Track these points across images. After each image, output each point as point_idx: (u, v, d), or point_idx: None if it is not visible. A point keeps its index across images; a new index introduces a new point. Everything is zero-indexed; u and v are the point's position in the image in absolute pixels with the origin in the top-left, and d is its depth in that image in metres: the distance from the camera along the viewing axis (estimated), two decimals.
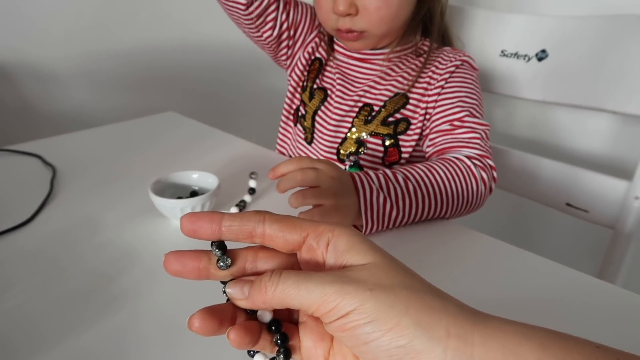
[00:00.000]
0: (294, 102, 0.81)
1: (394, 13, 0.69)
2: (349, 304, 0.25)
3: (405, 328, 0.24)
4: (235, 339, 0.28)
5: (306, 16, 0.79)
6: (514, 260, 0.53)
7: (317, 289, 0.25)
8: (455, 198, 0.59)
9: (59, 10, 1.14)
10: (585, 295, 0.47)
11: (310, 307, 0.26)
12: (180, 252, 0.29)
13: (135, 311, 0.44)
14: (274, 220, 0.28)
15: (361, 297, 0.25)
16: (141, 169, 0.74)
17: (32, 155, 0.77)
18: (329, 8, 0.69)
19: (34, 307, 0.45)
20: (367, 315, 0.24)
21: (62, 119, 1.21)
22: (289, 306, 0.27)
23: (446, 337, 0.24)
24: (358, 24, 0.68)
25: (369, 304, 0.24)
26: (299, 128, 0.80)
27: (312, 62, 0.80)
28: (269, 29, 0.77)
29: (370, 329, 0.24)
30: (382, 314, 0.24)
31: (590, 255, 1.11)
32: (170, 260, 0.29)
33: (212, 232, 0.28)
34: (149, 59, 1.33)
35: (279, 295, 0.26)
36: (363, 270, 0.26)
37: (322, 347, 0.29)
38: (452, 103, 0.69)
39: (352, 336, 0.25)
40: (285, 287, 0.26)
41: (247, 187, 0.64)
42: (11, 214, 0.60)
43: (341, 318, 0.25)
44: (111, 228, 0.58)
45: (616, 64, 0.77)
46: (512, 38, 0.89)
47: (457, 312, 0.25)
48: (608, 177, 0.77)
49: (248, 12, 0.74)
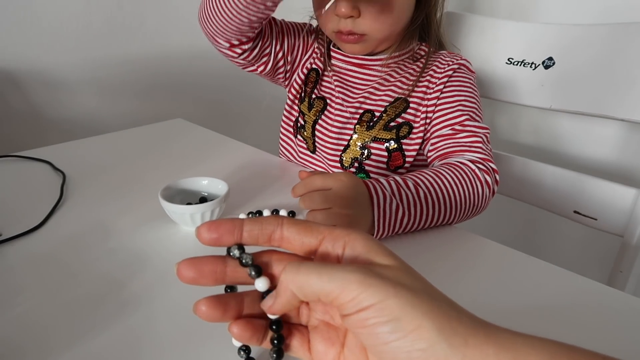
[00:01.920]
0: (293, 114, 0.82)
1: (396, 17, 0.69)
2: (371, 296, 0.24)
3: (427, 331, 0.24)
4: (237, 332, 0.29)
5: (299, 39, 0.80)
6: (522, 266, 0.53)
7: (339, 277, 0.25)
8: (463, 203, 0.60)
9: (68, 18, 1.16)
10: (594, 302, 0.47)
11: (329, 294, 0.25)
12: (193, 259, 0.29)
13: (145, 316, 0.45)
14: (292, 224, 0.29)
15: (384, 292, 0.24)
16: (150, 175, 0.74)
17: (42, 162, 0.78)
18: (331, 10, 0.69)
19: (45, 312, 0.45)
20: (389, 313, 0.24)
21: (71, 125, 1.22)
22: (307, 294, 0.26)
23: (464, 346, 0.24)
24: (360, 26, 0.69)
25: (392, 301, 0.24)
26: (299, 139, 0.80)
27: (309, 74, 0.80)
28: (263, 63, 0.78)
29: (392, 328, 0.24)
30: (404, 313, 0.24)
31: (599, 263, 1.11)
32: (184, 268, 0.29)
33: (235, 238, 0.29)
34: (157, 65, 1.34)
35: (301, 279, 0.26)
36: (386, 269, 0.26)
37: (332, 352, 0.29)
38: (452, 107, 0.70)
39: (372, 334, 0.25)
40: (308, 271, 0.26)
41: (257, 194, 0.65)
42: (22, 220, 0.60)
43: (361, 311, 0.25)
44: (121, 233, 0.58)
45: (623, 72, 0.77)
46: (519, 46, 0.89)
47: (471, 324, 0.25)
48: (616, 185, 0.77)
49: (242, 59, 0.75)
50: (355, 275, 0.25)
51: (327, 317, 0.30)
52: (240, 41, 0.72)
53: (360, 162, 0.73)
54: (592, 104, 0.80)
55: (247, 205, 0.65)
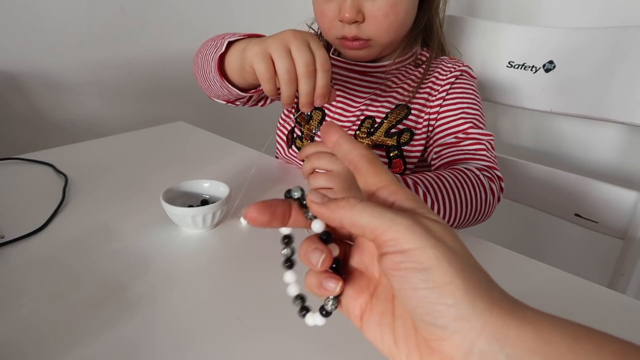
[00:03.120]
0: (288, 123, 0.82)
1: (401, 21, 0.69)
2: (412, 241, 0.25)
3: (456, 289, 0.24)
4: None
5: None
6: (524, 269, 0.53)
7: (389, 216, 0.26)
8: (467, 209, 0.59)
9: (71, 21, 1.16)
10: (595, 305, 0.47)
11: (375, 229, 0.26)
12: (263, 202, 0.29)
13: (147, 319, 0.45)
14: (370, 162, 0.31)
15: (426, 241, 0.25)
16: (152, 178, 0.75)
17: (44, 164, 0.78)
18: (334, 16, 0.68)
19: (47, 314, 0.45)
20: (425, 261, 0.25)
21: (74, 127, 1.22)
22: (355, 225, 0.27)
23: (488, 312, 0.24)
24: (365, 31, 0.68)
25: (430, 251, 0.25)
26: (293, 149, 0.80)
27: None
28: (263, 99, 0.80)
29: (425, 276, 0.25)
30: (439, 265, 0.24)
31: (601, 266, 1.10)
32: (258, 212, 0.29)
33: (332, 140, 0.33)
34: (158, 68, 1.34)
35: (356, 210, 0.27)
36: (435, 224, 0.27)
37: (361, 299, 0.30)
38: (455, 114, 0.70)
39: (403, 278, 0.25)
40: (363, 208, 0.27)
41: (258, 196, 0.65)
42: (24, 222, 0.60)
43: (398, 253, 0.25)
44: (123, 236, 0.58)
45: (624, 75, 0.77)
46: (520, 49, 0.89)
47: (500, 296, 0.26)
48: (617, 188, 0.77)
49: (241, 106, 0.77)
50: (404, 219, 0.26)
51: (362, 267, 0.31)
52: (235, 103, 0.75)
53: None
54: (592, 107, 0.81)
55: None
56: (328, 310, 0.30)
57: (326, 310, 0.30)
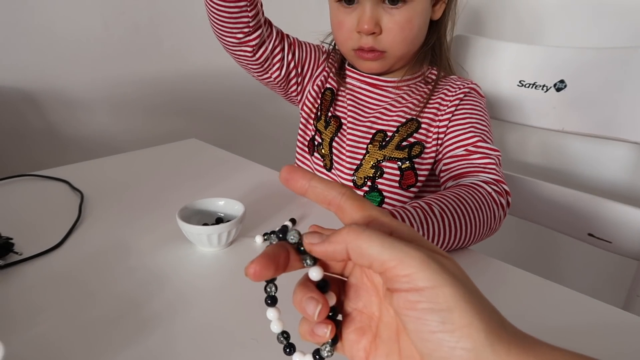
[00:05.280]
0: (308, 133, 0.83)
1: (414, 36, 0.72)
2: (428, 278, 0.24)
3: (476, 331, 0.23)
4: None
5: (311, 54, 0.82)
6: (538, 290, 0.53)
7: (400, 249, 0.24)
8: (481, 227, 0.60)
9: (87, 39, 1.19)
10: (611, 327, 0.47)
11: (386, 262, 0.24)
12: (265, 256, 0.27)
13: (164, 337, 0.45)
14: (351, 198, 0.29)
15: (442, 278, 0.24)
16: (167, 195, 0.75)
17: (60, 181, 0.79)
18: (352, 27, 0.71)
19: (63, 332, 0.46)
20: (443, 301, 0.23)
21: (88, 143, 1.24)
22: (362, 256, 0.25)
23: (507, 354, 0.23)
24: (381, 43, 0.71)
25: (448, 290, 0.23)
26: (316, 157, 0.81)
27: (324, 93, 0.82)
28: (277, 69, 0.80)
29: (443, 318, 0.23)
30: (458, 306, 0.23)
31: (615, 286, 1.09)
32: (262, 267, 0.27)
33: (301, 186, 0.30)
34: (172, 85, 1.36)
35: (364, 239, 0.25)
36: (442, 257, 0.26)
37: (364, 341, 0.29)
38: (464, 128, 0.71)
39: (419, 320, 0.24)
40: (371, 235, 0.25)
41: (273, 214, 0.65)
42: (41, 239, 0.61)
43: (413, 291, 0.24)
44: (139, 253, 0.59)
45: (635, 95, 0.77)
46: (530, 69, 0.90)
47: (513, 333, 0.25)
48: (630, 208, 0.77)
49: (255, 59, 0.77)
50: (418, 252, 0.24)
51: (360, 305, 0.30)
52: (244, 33, 0.74)
53: (373, 180, 0.74)
54: (603, 126, 0.81)
55: (263, 225, 0.65)
56: (322, 356, 0.29)
57: (320, 356, 0.29)
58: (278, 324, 0.31)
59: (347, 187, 0.30)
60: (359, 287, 0.30)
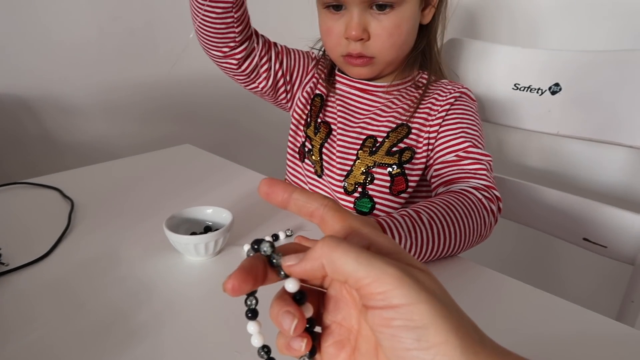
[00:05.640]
0: (298, 140, 0.82)
1: (403, 41, 0.71)
2: (404, 296, 0.23)
3: (452, 349, 0.23)
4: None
5: (299, 61, 0.82)
6: (528, 299, 0.52)
7: (377, 265, 0.24)
8: (471, 234, 0.59)
9: (82, 44, 1.19)
10: (602, 337, 0.46)
11: (361, 279, 0.24)
12: (242, 270, 0.27)
13: (153, 345, 0.45)
14: (332, 210, 0.29)
15: (418, 295, 0.23)
16: (157, 203, 0.75)
17: (52, 188, 0.79)
18: (340, 34, 0.71)
19: (52, 341, 0.45)
20: (418, 319, 0.23)
21: (84, 148, 1.24)
22: (338, 271, 0.25)
23: None
24: (369, 49, 0.70)
25: (423, 307, 0.23)
26: (307, 163, 0.81)
27: (314, 99, 0.81)
28: (264, 79, 0.80)
29: (417, 335, 0.23)
30: (433, 323, 0.23)
31: (611, 291, 1.08)
32: (241, 281, 0.27)
33: (282, 199, 0.29)
34: (168, 91, 1.36)
35: (339, 254, 0.25)
36: (420, 272, 0.25)
37: (343, 355, 0.29)
38: (455, 134, 0.70)
39: (394, 337, 0.24)
40: (347, 250, 0.25)
41: (263, 222, 0.65)
42: (29, 248, 0.61)
43: (388, 308, 0.24)
44: (127, 262, 0.59)
45: (630, 99, 0.76)
46: (525, 72, 0.89)
47: (492, 350, 0.24)
48: (626, 212, 0.76)
49: (241, 70, 0.78)
50: (394, 269, 0.24)
51: (339, 317, 0.29)
52: (230, 47, 0.75)
53: (363, 186, 0.73)
54: (598, 130, 0.80)
55: (253, 233, 0.65)
56: None
57: None
58: (259, 338, 0.30)
59: (329, 198, 0.29)
60: (338, 300, 0.29)
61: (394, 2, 0.67)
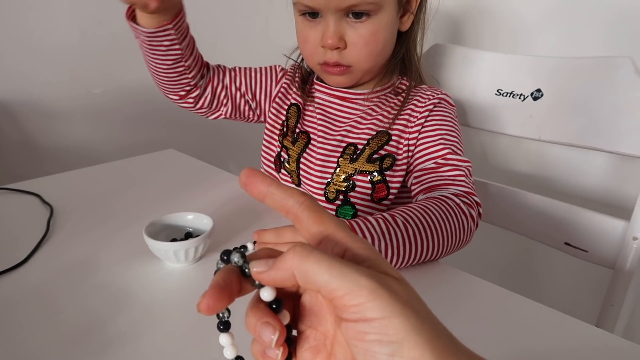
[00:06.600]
0: (273, 150, 0.81)
1: (380, 49, 0.71)
2: (378, 309, 0.23)
3: None
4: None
5: (260, 77, 0.83)
6: (505, 304, 0.53)
7: (350, 277, 0.23)
8: (450, 239, 0.59)
9: (63, 48, 1.17)
10: (582, 344, 0.46)
11: (334, 291, 0.23)
12: (216, 287, 0.26)
13: (131, 354, 0.44)
14: (308, 209, 0.28)
15: (392, 308, 0.23)
16: (138, 208, 0.74)
17: (31, 194, 0.78)
18: (317, 42, 0.70)
19: (29, 349, 0.45)
20: (393, 333, 0.22)
21: (66, 154, 1.22)
22: (309, 282, 0.24)
23: None
24: (346, 58, 0.70)
25: (398, 320, 0.23)
26: (283, 173, 0.80)
27: (290, 109, 0.80)
28: (224, 106, 0.81)
29: (391, 350, 0.22)
30: (408, 337, 0.22)
31: (592, 295, 1.10)
32: (216, 301, 0.26)
33: (259, 191, 0.29)
34: (151, 95, 1.35)
35: (311, 265, 0.24)
36: (396, 282, 0.25)
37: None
38: (434, 141, 0.70)
39: (367, 352, 0.23)
40: (319, 259, 0.24)
41: (245, 228, 0.64)
42: (6, 256, 0.60)
43: (362, 322, 0.23)
44: (106, 270, 0.58)
45: (610, 105, 0.77)
46: (508, 78, 0.90)
47: (469, 357, 0.24)
48: (606, 217, 0.77)
49: (199, 107, 0.81)
50: (368, 281, 0.23)
51: (315, 322, 0.29)
52: (186, 90, 0.78)
53: (345, 194, 0.73)
54: (580, 135, 0.81)
55: (235, 239, 0.65)
56: None
57: None
58: (231, 350, 0.30)
59: (307, 195, 0.29)
60: (313, 305, 0.29)
61: (371, 10, 0.67)
